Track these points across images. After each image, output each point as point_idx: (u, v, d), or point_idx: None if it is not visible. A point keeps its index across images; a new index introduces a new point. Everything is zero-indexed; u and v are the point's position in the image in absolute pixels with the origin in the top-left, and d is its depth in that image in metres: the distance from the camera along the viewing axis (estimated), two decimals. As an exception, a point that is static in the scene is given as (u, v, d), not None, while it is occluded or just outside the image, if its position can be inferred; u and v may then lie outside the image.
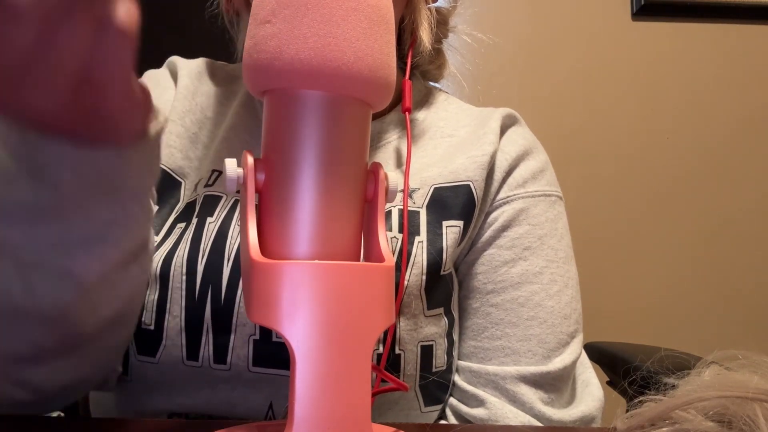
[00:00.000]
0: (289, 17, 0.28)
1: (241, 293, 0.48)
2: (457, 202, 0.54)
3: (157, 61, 0.65)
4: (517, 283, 0.54)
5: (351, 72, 0.28)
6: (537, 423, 0.50)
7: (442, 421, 0.54)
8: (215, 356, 0.48)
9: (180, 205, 0.55)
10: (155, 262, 0.51)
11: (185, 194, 0.56)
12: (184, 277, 0.49)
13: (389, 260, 0.31)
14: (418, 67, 0.67)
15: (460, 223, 0.54)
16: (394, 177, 0.33)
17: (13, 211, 0.35)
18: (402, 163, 0.58)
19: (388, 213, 0.53)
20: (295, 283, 0.27)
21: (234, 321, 0.48)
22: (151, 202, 0.43)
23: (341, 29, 0.28)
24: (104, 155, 0.33)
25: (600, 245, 1.46)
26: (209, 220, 0.52)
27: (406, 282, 0.50)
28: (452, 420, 0.54)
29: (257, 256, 0.29)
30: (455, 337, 0.55)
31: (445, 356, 0.53)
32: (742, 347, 0.35)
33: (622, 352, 0.90)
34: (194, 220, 0.53)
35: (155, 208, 0.55)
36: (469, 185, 0.54)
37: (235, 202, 0.53)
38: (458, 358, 0.56)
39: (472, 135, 0.59)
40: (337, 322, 0.28)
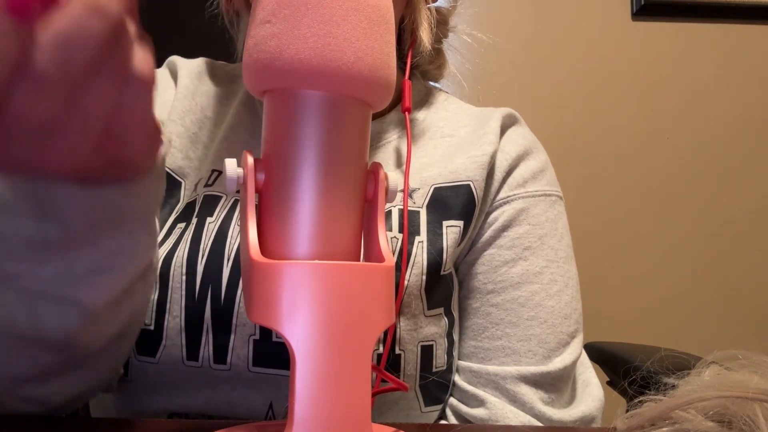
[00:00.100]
0: (289, 17, 0.28)
1: (241, 293, 0.48)
2: (457, 202, 0.54)
3: (157, 60, 0.65)
4: (517, 283, 0.54)
5: (351, 72, 0.28)
6: (537, 423, 0.50)
7: (442, 421, 0.54)
8: (215, 356, 0.48)
9: (180, 205, 0.55)
10: None
11: (185, 194, 0.56)
12: (184, 277, 0.49)
13: (389, 260, 0.31)
14: (418, 67, 0.67)
15: (460, 223, 0.54)
16: (394, 177, 0.33)
17: (16, 244, 0.34)
18: (402, 162, 0.58)
19: (388, 213, 0.53)
20: (295, 283, 0.27)
21: (234, 321, 0.48)
22: (156, 222, 0.42)
23: (341, 29, 0.28)
24: (113, 191, 0.33)
25: (600, 245, 1.46)
26: (209, 220, 0.52)
27: (406, 282, 0.50)
28: (452, 420, 0.54)
29: (257, 256, 0.29)
30: (455, 337, 0.55)
31: (446, 356, 0.53)
32: (742, 347, 0.35)
33: (622, 352, 0.90)
34: (194, 220, 0.53)
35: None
36: (469, 185, 0.54)
37: (235, 202, 0.53)
38: (458, 358, 0.56)
39: (472, 135, 0.59)
40: (337, 322, 0.28)
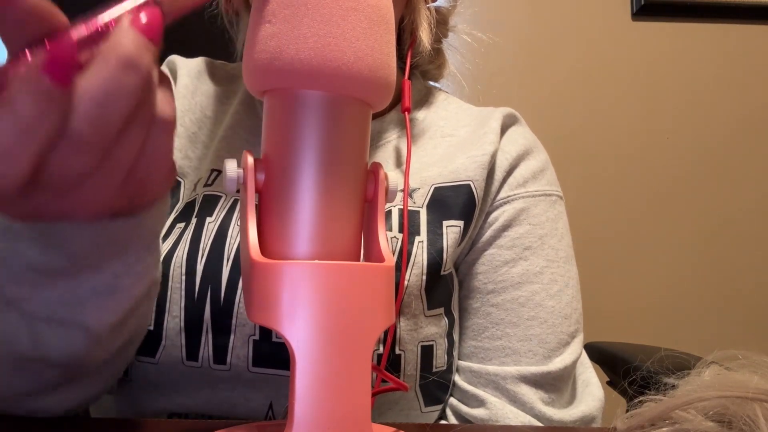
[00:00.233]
0: (289, 17, 0.28)
1: (241, 293, 0.48)
2: (458, 202, 0.54)
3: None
4: (517, 283, 0.54)
5: (351, 72, 0.28)
6: (537, 423, 0.50)
7: (443, 421, 0.54)
8: (215, 356, 0.48)
9: (179, 205, 0.55)
10: None
11: (184, 194, 0.56)
12: (184, 277, 0.49)
13: (389, 260, 0.31)
14: (417, 67, 0.67)
15: (461, 223, 0.53)
16: (394, 177, 0.33)
17: (18, 269, 0.33)
18: (402, 162, 0.58)
19: (388, 213, 0.53)
20: (295, 283, 0.27)
21: (233, 321, 0.48)
22: (160, 242, 0.42)
23: (341, 29, 0.28)
24: (121, 223, 0.32)
25: (600, 245, 1.46)
26: (208, 219, 0.52)
27: (406, 282, 0.50)
28: (452, 420, 0.54)
29: (257, 256, 0.29)
30: (455, 337, 0.55)
31: (446, 356, 0.53)
32: (742, 347, 0.35)
33: (622, 352, 0.90)
34: (193, 220, 0.53)
35: None
36: (469, 185, 0.54)
37: (235, 202, 0.53)
38: (458, 358, 0.56)
39: (472, 135, 0.59)
40: (337, 322, 0.28)
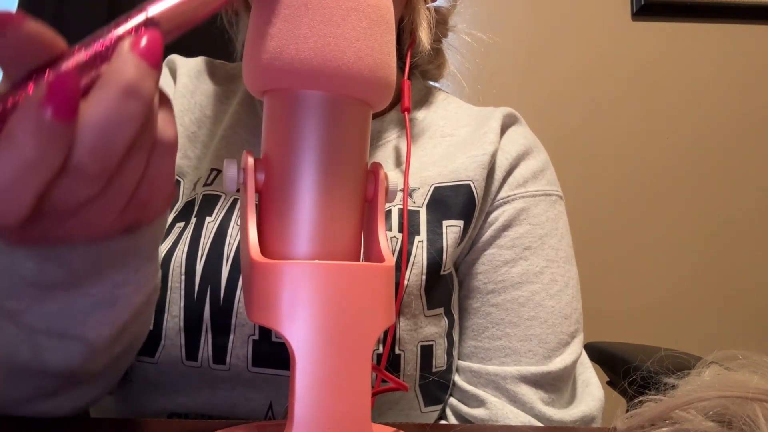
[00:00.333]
0: (289, 17, 0.28)
1: (241, 293, 0.48)
2: (458, 202, 0.54)
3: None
4: (517, 283, 0.54)
5: (351, 72, 0.28)
6: (537, 423, 0.50)
7: (442, 421, 0.54)
8: (214, 356, 0.48)
9: (179, 205, 0.55)
10: None
11: (184, 193, 0.56)
12: (183, 277, 0.49)
13: (389, 260, 0.31)
14: (417, 67, 0.67)
15: (461, 223, 0.53)
16: (394, 177, 0.33)
17: (16, 282, 0.33)
18: (401, 162, 0.58)
19: (388, 212, 0.53)
20: (295, 283, 0.27)
21: (233, 321, 0.48)
22: (159, 252, 0.41)
23: (341, 29, 0.28)
24: (120, 239, 0.32)
25: (600, 245, 1.46)
26: (208, 219, 0.52)
27: (406, 282, 0.50)
28: (452, 420, 0.54)
29: (257, 256, 0.29)
30: (455, 337, 0.55)
31: (445, 356, 0.53)
32: (742, 347, 0.35)
33: (622, 352, 0.90)
34: (193, 220, 0.53)
35: None
36: (469, 185, 0.54)
37: (234, 202, 0.53)
38: (458, 358, 0.56)
39: (472, 134, 0.59)
40: (337, 322, 0.28)
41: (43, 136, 0.22)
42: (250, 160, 0.31)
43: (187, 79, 0.62)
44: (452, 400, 0.55)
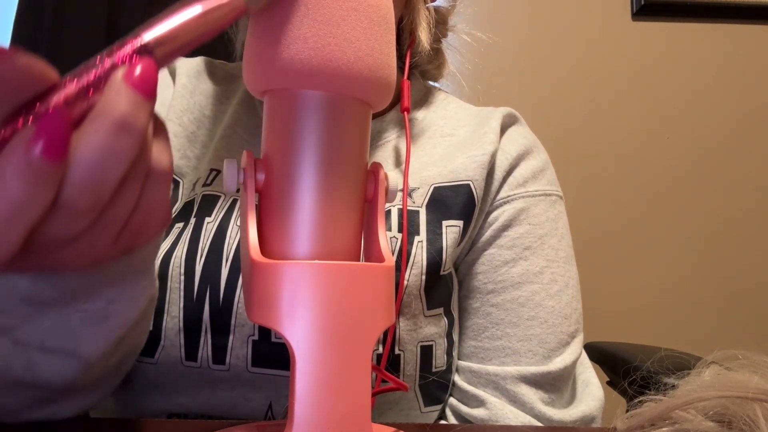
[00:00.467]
0: (289, 17, 0.28)
1: (240, 293, 0.48)
2: (457, 202, 0.54)
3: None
4: (517, 283, 0.54)
5: (351, 72, 0.28)
6: (537, 423, 0.50)
7: (442, 421, 0.54)
8: (214, 357, 0.48)
9: (178, 205, 0.55)
10: None
11: (183, 193, 0.56)
12: (183, 278, 0.49)
13: (389, 260, 0.31)
14: (417, 67, 0.67)
15: (460, 223, 0.53)
16: (394, 177, 0.33)
17: (10, 300, 0.32)
18: (401, 162, 0.58)
19: (388, 212, 0.53)
20: (295, 283, 0.27)
21: (233, 321, 0.48)
22: (155, 263, 0.41)
23: (341, 29, 0.28)
24: (112, 262, 0.32)
25: (600, 245, 1.46)
26: (207, 219, 0.52)
27: (405, 282, 0.50)
28: (452, 420, 0.54)
29: (257, 256, 0.29)
30: (455, 337, 0.55)
31: (445, 356, 0.53)
32: (742, 347, 0.35)
33: (622, 352, 0.90)
34: (192, 220, 0.53)
35: None
36: (469, 185, 0.54)
37: (234, 202, 0.53)
38: (458, 358, 0.56)
39: (472, 134, 0.59)
40: (337, 322, 0.28)
41: (32, 176, 0.21)
42: (250, 160, 0.31)
43: (187, 79, 0.62)
44: (452, 400, 0.55)
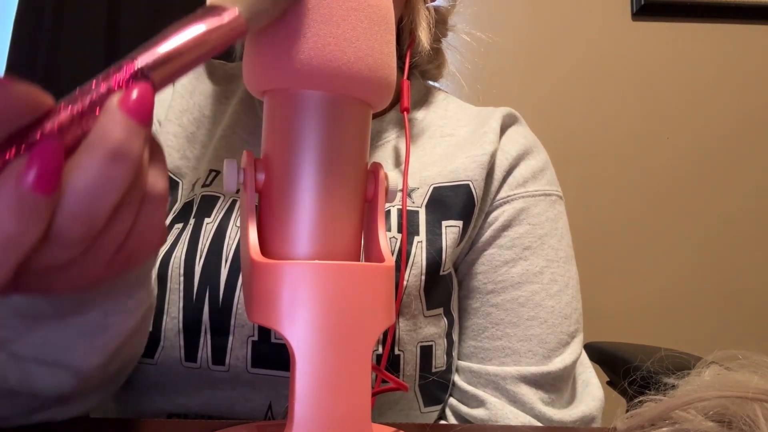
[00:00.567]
0: (289, 17, 0.28)
1: (240, 294, 0.48)
2: (457, 202, 0.54)
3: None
4: (517, 283, 0.54)
5: (351, 72, 0.28)
6: (537, 423, 0.50)
7: (442, 422, 0.54)
8: (213, 358, 0.48)
9: (177, 206, 0.55)
10: None
11: (182, 194, 0.56)
12: (182, 278, 0.49)
13: (389, 260, 0.31)
14: (417, 67, 0.67)
15: (460, 223, 0.53)
16: (394, 177, 0.33)
17: (6, 314, 0.32)
18: (401, 162, 0.58)
19: (387, 213, 0.53)
20: (295, 283, 0.27)
21: (232, 322, 0.48)
22: (153, 276, 0.41)
23: (341, 29, 0.28)
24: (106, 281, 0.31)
25: (600, 245, 1.46)
26: (207, 220, 0.52)
27: (405, 282, 0.50)
28: (452, 420, 0.54)
29: (257, 256, 0.29)
30: (455, 337, 0.55)
31: (445, 356, 0.53)
32: (742, 347, 0.35)
33: (622, 352, 0.90)
34: (191, 221, 0.53)
35: None
36: (468, 185, 0.54)
37: (233, 203, 0.53)
38: (458, 359, 0.56)
39: (472, 134, 0.59)
40: (338, 322, 0.28)
41: (23, 209, 0.21)
42: (250, 160, 0.31)
43: (186, 79, 0.62)
44: (452, 401, 0.55)
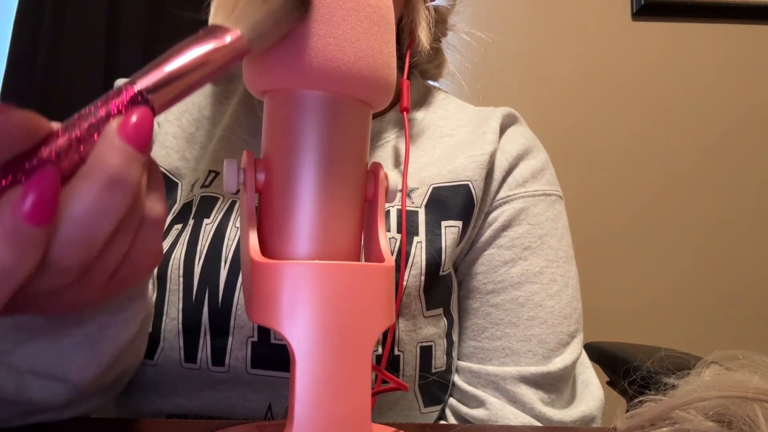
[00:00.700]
0: (288, 17, 0.28)
1: (239, 295, 0.48)
2: (456, 202, 0.54)
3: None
4: (517, 283, 0.54)
5: (351, 72, 0.28)
6: (537, 423, 0.50)
7: (442, 422, 0.54)
8: (213, 358, 0.48)
9: (177, 206, 0.55)
10: None
11: (182, 195, 0.56)
12: (182, 279, 0.49)
13: (389, 260, 0.31)
14: (416, 67, 0.67)
15: (459, 223, 0.53)
16: (394, 177, 0.33)
17: (1, 327, 0.32)
18: (400, 162, 0.58)
19: (387, 213, 0.53)
20: (295, 283, 0.27)
21: (232, 323, 0.48)
22: (151, 285, 0.40)
23: (341, 29, 0.28)
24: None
25: (600, 245, 1.46)
26: (206, 221, 0.52)
27: (404, 282, 0.50)
28: (452, 420, 0.54)
29: (257, 257, 0.28)
30: (455, 337, 0.55)
31: (445, 357, 0.53)
32: (742, 347, 0.35)
33: (622, 352, 0.90)
34: (191, 222, 0.52)
35: None
36: (468, 185, 0.54)
37: (232, 204, 0.53)
38: (458, 359, 0.56)
39: (471, 134, 0.59)
40: (338, 322, 0.28)
41: (18, 240, 0.20)
42: (250, 160, 0.31)
43: (187, 79, 0.62)
44: (452, 401, 0.55)
